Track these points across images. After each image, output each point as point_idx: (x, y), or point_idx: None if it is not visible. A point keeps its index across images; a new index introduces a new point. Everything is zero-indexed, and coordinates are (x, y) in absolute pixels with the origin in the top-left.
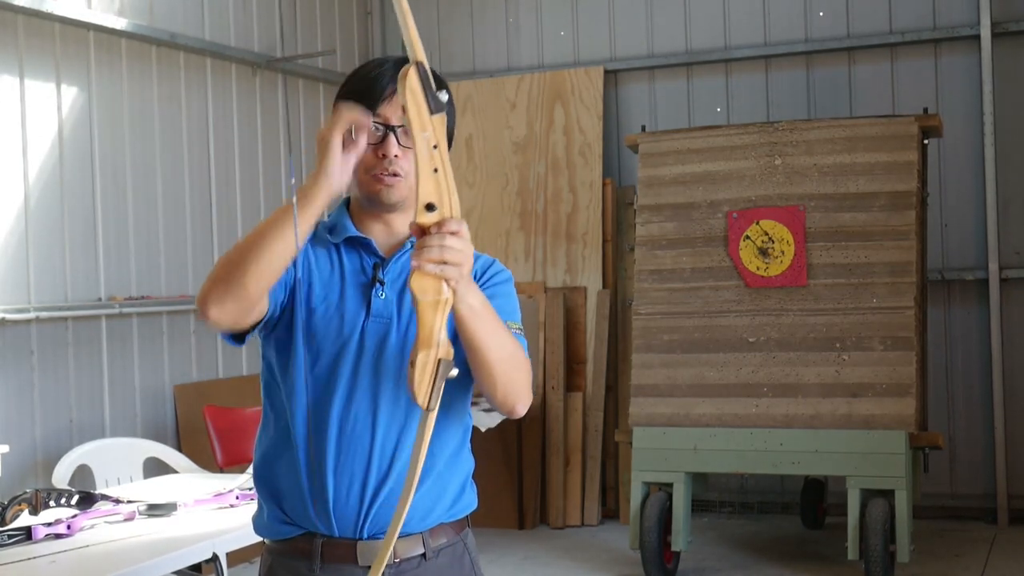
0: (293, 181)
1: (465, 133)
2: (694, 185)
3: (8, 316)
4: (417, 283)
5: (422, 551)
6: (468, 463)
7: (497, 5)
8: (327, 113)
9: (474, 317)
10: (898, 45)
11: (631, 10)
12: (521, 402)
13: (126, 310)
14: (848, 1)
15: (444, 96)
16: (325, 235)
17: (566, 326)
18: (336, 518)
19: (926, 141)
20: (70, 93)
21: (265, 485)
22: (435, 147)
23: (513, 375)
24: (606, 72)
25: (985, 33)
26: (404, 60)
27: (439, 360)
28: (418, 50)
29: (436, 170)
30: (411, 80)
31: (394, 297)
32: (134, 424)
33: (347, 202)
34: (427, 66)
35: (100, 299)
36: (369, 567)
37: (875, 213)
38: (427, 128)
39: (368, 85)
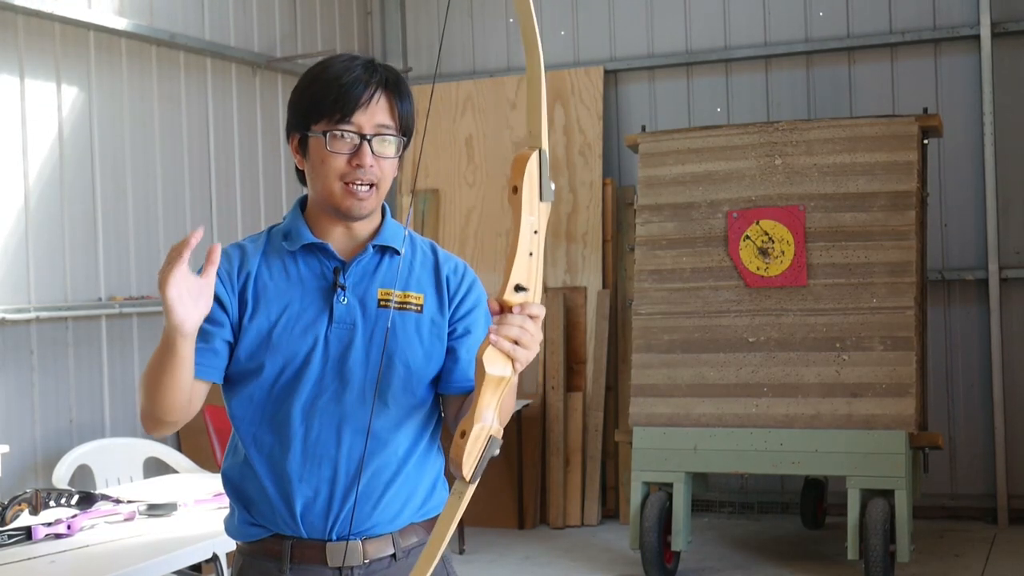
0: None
1: (465, 133)
2: (694, 185)
3: (8, 316)
4: (489, 356)
5: (392, 551)
6: (438, 462)
7: (497, 5)
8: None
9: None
10: (898, 45)
11: (631, 10)
12: None
13: (126, 310)
14: (848, 1)
15: (553, 186)
16: (280, 242)
17: (566, 326)
18: (304, 523)
19: (926, 141)
20: (70, 93)
21: (233, 490)
22: (535, 232)
23: None
24: (606, 72)
25: (985, 33)
26: (371, 62)
27: (490, 436)
28: (544, 136)
29: (531, 254)
30: (531, 165)
31: (356, 302)
32: (134, 424)
33: (302, 203)
34: (547, 154)
35: (100, 299)
36: (339, 568)
37: (875, 213)
38: (534, 213)
39: (341, 92)
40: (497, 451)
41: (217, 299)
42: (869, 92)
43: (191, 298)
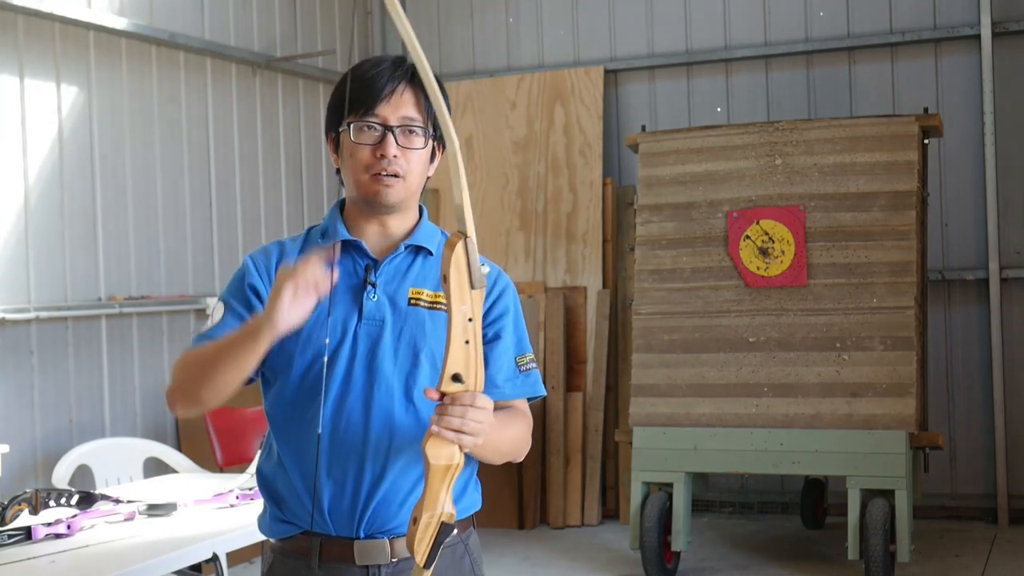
0: (335, 274)
1: (465, 133)
2: (694, 185)
3: (8, 316)
4: (432, 448)
5: None
6: (470, 463)
7: (497, 5)
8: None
9: (521, 429)
10: (898, 45)
11: (631, 10)
12: (519, 460)
13: (126, 310)
14: (848, 1)
15: (485, 270)
16: (317, 239)
17: (566, 326)
18: (332, 519)
19: (926, 141)
20: (70, 93)
21: (266, 487)
22: (470, 320)
23: (515, 456)
24: (606, 72)
25: (985, 33)
26: (401, 59)
27: (442, 523)
28: (469, 224)
29: (467, 342)
30: (458, 253)
31: (386, 299)
32: (134, 424)
33: (341, 204)
34: (474, 241)
35: (100, 299)
36: (367, 567)
37: (875, 213)
38: (466, 302)
39: (365, 86)
40: (455, 532)
41: (256, 294)
42: (869, 92)
43: (301, 298)
